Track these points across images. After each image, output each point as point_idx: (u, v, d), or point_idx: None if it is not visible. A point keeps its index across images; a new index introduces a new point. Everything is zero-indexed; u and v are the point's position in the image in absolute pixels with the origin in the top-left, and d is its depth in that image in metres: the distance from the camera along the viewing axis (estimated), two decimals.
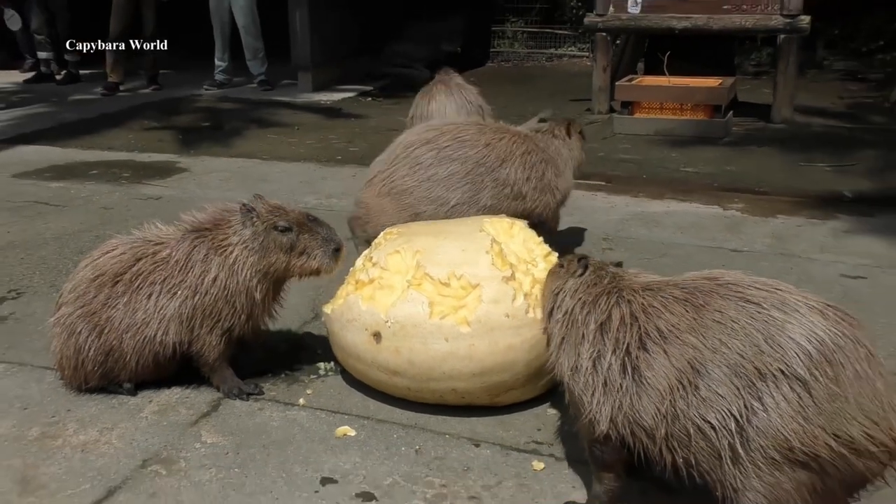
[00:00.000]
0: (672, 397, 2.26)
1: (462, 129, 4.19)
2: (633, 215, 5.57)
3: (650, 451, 2.35)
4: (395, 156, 4.18)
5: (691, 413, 2.24)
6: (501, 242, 3.16)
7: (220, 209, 3.32)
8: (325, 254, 3.22)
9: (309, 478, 2.79)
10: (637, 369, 2.34)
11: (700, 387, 2.23)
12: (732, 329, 2.24)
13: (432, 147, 4.11)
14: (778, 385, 2.15)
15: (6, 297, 4.32)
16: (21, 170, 6.97)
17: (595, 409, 2.40)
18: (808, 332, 2.17)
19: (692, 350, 2.26)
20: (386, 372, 3.10)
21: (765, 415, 2.15)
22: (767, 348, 2.18)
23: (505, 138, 4.20)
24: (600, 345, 2.42)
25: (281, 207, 3.25)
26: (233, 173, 6.81)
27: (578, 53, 13.26)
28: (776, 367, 2.16)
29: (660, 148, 7.52)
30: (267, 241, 3.18)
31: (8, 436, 3.06)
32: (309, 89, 10.74)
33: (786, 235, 5.15)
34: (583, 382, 2.44)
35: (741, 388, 2.19)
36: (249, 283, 3.19)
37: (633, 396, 2.33)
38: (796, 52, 8.40)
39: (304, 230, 3.22)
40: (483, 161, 4.11)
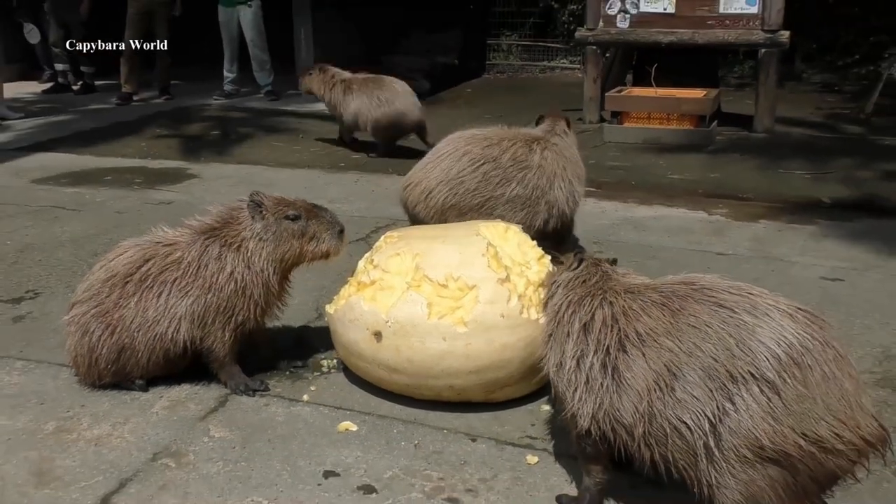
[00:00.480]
0: (649, 398, 2.27)
1: (518, 148, 4.23)
2: (623, 220, 5.55)
3: (630, 447, 2.35)
4: (461, 168, 4.17)
5: (668, 413, 2.25)
6: (497, 246, 3.15)
7: (225, 209, 3.33)
8: (333, 236, 3.27)
9: (312, 471, 2.78)
10: (617, 370, 2.34)
11: (676, 388, 2.24)
12: (706, 333, 2.24)
13: (496, 166, 4.16)
14: (748, 387, 2.15)
15: (24, 296, 4.30)
16: (39, 176, 6.94)
17: (577, 406, 2.41)
18: (778, 335, 2.17)
19: (668, 353, 2.27)
20: (386, 369, 3.08)
21: (736, 416, 2.16)
22: (739, 352, 2.18)
23: (549, 157, 4.27)
24: (583, 344, 2.42)
25: (284, 199, 3.29)
26: (240, 179, 6.79)
27: (570, 66, 13.25)
28: (746, 370, 2.16)
29: (648, 156, 7.51)
30: (279, 230, 3.21)
31: (25, 429, 3.05)
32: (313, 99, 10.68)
33: (767, 239, 5.13)
34: (566, 379, 2.45)
35: (714, 391, 2.19)
36: (265, 273, 3.20)
37: (613, 395, 2.34)
38: (776, 65, 8.40)
39: (311, 216, 3.26)
40: (539, 184, 4.20)
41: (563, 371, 2.47)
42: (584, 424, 2.40)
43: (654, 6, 8.56)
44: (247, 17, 10.40)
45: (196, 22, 11.26)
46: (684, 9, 8.43)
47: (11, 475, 2.76)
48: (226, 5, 10.46)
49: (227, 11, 10.47)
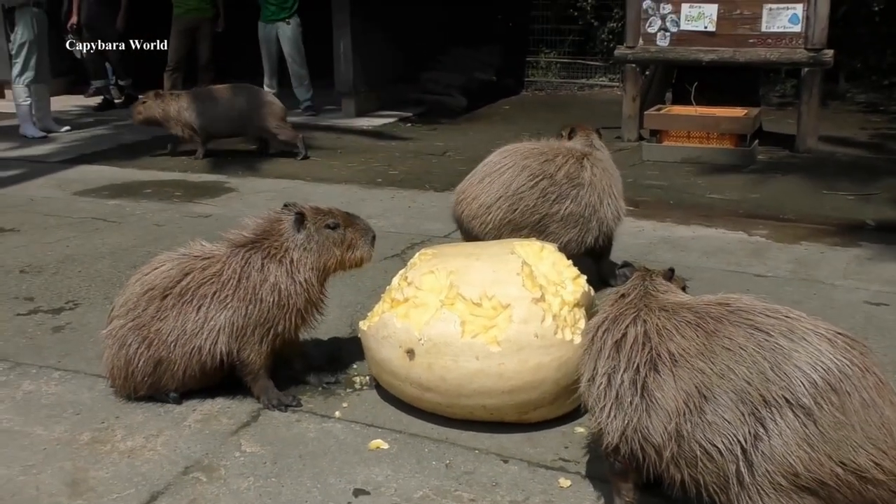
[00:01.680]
0: (679, 419, 2.24)
1: (571, 165, 4.22)
2: (661, 239, 5.49)
3: (659, 467, 2.32)
4: (521, 184, 4.15)
5: (697, 436, 2.21)
6: (532, 265, 3.12)
7: (264, 221, 3.35)
8: (366, 243, 3.36)
9: (342, 488, 2.76)
10: (647, 388, 2.32)
11: (706, 411, 2.21)
12: (740, 356, 2.20)
13: (552, 182, 4.15)
14: (782, 413, 2.11)
15: (64, 307, 4.36)
16: (81, 188, 7.07)
17: (606, 422, 2.40)
18: (815, 360, 2.12)
19: (700, 375, 2.24)
20: (418, 387, 3.07)
21: (770, 441, 2.11)
22: (773, 376, 2.14)
23: (598, 173, 4.26)
24: (615, 361, 2.41)
25: (320, 208, 3.35)
26: (278, 193, 6.83)
27: (609, 83, 13.19)
28: (781, 394, 2.12)
29: (686, 175, 7.43)
30: (321, 239, 3.26)
31: (61, 439, 3.07)
32: (351, 114, 10.80)
33: (809, 261, 5.04)
34: (596, 394, 2.44)
35: (746, 415, 2.15)
36: (308, 283, 3.24)
37: (643, 414, 2.31)
38: (819, 84, 8.29)
39: (348, 224, 3.33)
40: (591, 202, 4.20)
41: (593, 387, 2.46)
42: (613, 441, 2.38)
43: (694, 24, 8.51)
44: (286, 33, 10.54)
45: (238, 37, 11.43)
46: (725, 27, 8.36)
47: (46, 485, 2.78)
48: (265, 21, 10.62)
49: (266, 27, 10.63)
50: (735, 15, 8.31)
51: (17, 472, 2.86)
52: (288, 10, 10.51)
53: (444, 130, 9.99)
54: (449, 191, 6.85)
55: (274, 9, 10.51)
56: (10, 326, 4.10)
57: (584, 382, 2.53)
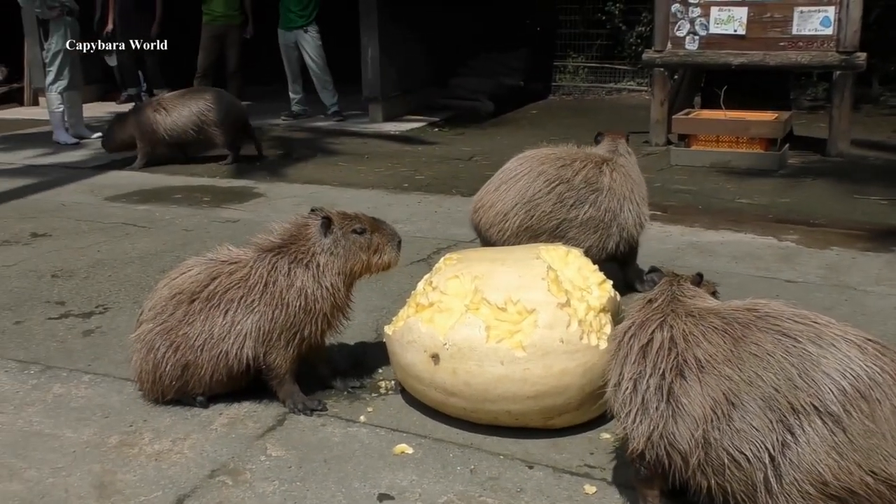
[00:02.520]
0: (706, 425, 2.22)
1: (590, 170, 4.19)
2: (689, 244, 5.44)
3: (685, 474, 2.30)
4: (537, 190, 4.13)
5: (725, 443, 2.20)
6: (557, 269, 3.11)
7: (290, 226, 3.36)
8: (393, 248, 3.36)
9: (367, 493, 2.76)
10: (673, 394, 2.30)
11: (734, 418, 2.19)
12: (768, 362, 2.18)
13: (570, 187, 4.13)
14: (811, 420, 2.08)
15: (94, 311, 4.41)
16: (112, 193, 7.16)
17: (632, 428, 2.38)
18: (844, 367, 2.09)
19: (727, 381, 2.22)
20: (443, 392, 3.06)
21: (798, 449, 2.09)
22: (801, 383, 2.11)
23: (618, 178, 4.23)
24: (641, 366, 2.40)
25: (347, 213, 3.36)
26: (305, 198, 6.88)
27: (637, 87, 13.12)
28: (809, 402, 2.09)
29: (715, 179, 7.37)
30: (348, 244, 3.26)
31: (90, 442, 3.11)
32: (379, 120, 10.84)
33: (840, 267, 4.97)
34: (622, 400, 2.43)
35: (774, 422, 2.13)
36: (334, 287, 3.24)
37: (669, 420, 2.30)
38: (852, 87, 8.17)
39: (374, 229, 3.34)
40: (610, 207, 4.16)
41: (619, 392, 2.45)
42: (639, 447, 2.36)
43: (724, 28, 8.43)
44: (305, 40, 10.63)
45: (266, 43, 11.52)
46: (755, 30, 8.27)
47: (75, 487, 2.81)
48: (284, 28, 10.72)
49: (285, 34, 10.74)
50: (765, 18, 8.22)
51: (47, 474, 2.89)
52: (307, 17, 10.59)
53: (472, 135, 9.99)
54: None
55: (293, 16, 10.59)
56: (42, 330, 4.16)
57: (610, 388, 2.52)
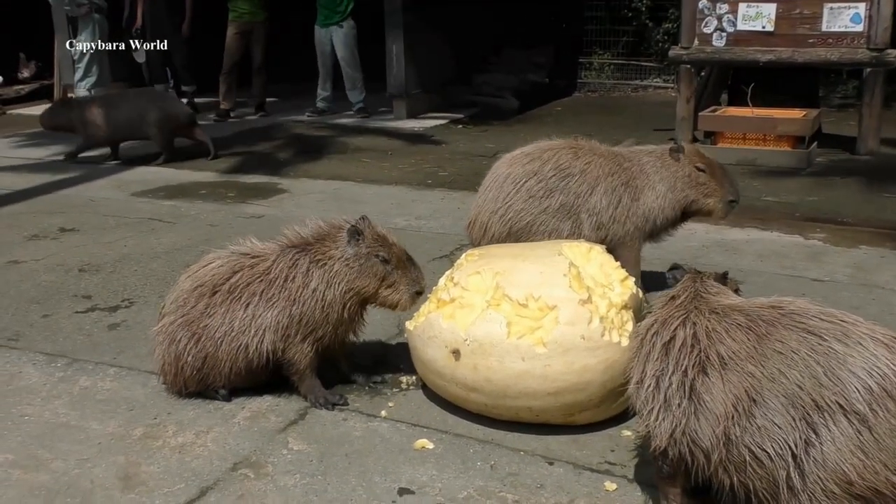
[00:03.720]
0: (727, 422, 2.21)
1: (562, 156, 4.09)
2: (713, 243, 5.41)
3: (707, 471, 2.29)
4: (507, 193, 4.07)
5: (746, 440, 2.19)
6: (579, 266, 3.10)
7: (325, 225, 3.37)
8: (408, 293, 3.26)
9: (387, 487, 2.78)
10: (695, 391, 2.29)
11: (756, 415, 2.18)
12: (792, 360, 2.16)
13: (539, 179, 4.05)
14: (835, 419, 2.06)
15: (119, 305, 4.47)
16: (139, 189, 7.24)
17: (654, 424, 2.38)
18: (871, 365, 2.07)
19: (750, 378, 2.21)
20: (464, 388, 3.07)
21: (822, 447, 2.07)
22: (826, 381, 2.09)
23: (596, 162, 4.10)
24: (663, 363, 2.39)
25: (385, 238, 3.28)
26: (329, 194, 6.92)
27: (663, 84, 13.05)
28: (834, 400, 2.07)
29: (742, 177, 7.26)
30: (366, 265, 3.23)
31: (115, 434, 3.15)
32: (403, 116, 10.86)
33: (868, 266, 4.91)
34: (644, 397, 2.42)
35: (797, 420, 2.11)
36: (343, 298, 3.24)
37: (691, 417, 2.29)
38: (882, 84, 8.07)
39: (399, 266, 3.25)
40: (579, 191, 4.03)
41: (642, 389, 2.44)
42: (661, 444, 2.36)
43: (751, 24, 8.34)
44: (339, 36, 10.66)
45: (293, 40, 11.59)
46: (784, 27, 8.18)
47: (100, 478, 2.85)
48: (321, 25, 10.77)
49: (321, 31, 10.78)
50: (794, 14, 8.13)
51: (73, 465, 2.94)
52: (341, 13, 10.63)
53: (496, 132, 9.98)
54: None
55: (328, 13, 10.65)
56: (69, 324, 4.22)
57: (632, 385, 2.51)
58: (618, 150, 4.28)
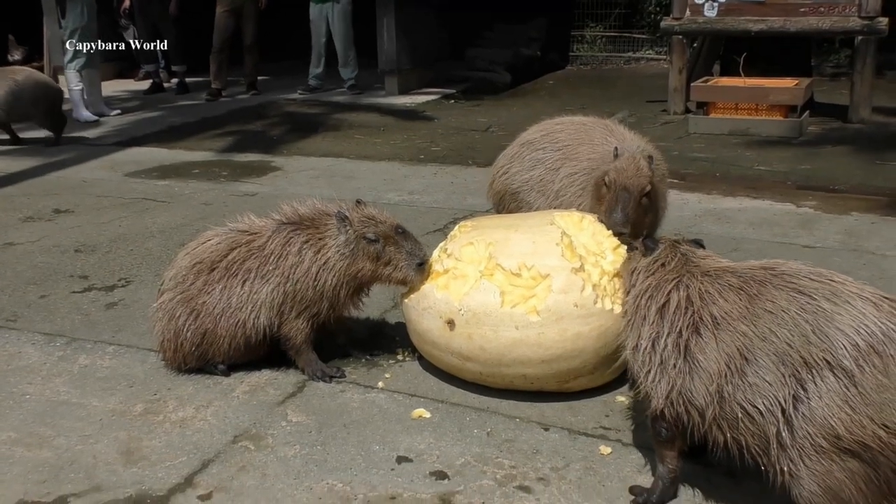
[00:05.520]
0: (720, 381, 2.26)
1: (563, 130, 4.11)
2: (706, 212, 5.44)
3: (702, 429, 2.34)
4: (510, 155, 4.20)
5: (738, 397, 2.23)
6: (571, 235, 3.13)
7: (319, 208, 3.38)
8: (409, 266, 3.22)
9: (386, 456, 2.83)
10: (689, 351, 2.34)
11: (747, 372, 2.23)
12: (782, 319, 2.21)
13: (531, 148, 4.12)
14: (823, 375, 2.11)
15: (116, 284, 4.50)
16: (133, 169, 7.24)
17: (651, 387, 2.42)
18: (858, 323, 2.11)
19: (742, 337, 2.26)
20: (459, 357, 3.11)
21: (810, 403, 2.12)
22: (815, 338, 2.14)
23: (573, 132, 4.09)
24: (659, 326, 2.43)
25: (373, 218, 3.26)
26: (322, 172, 6.93)
27: (655, 56, 13.04)
28: (822, 357, 2.12)
29: (734, 147, 7.33)
30: (357, 248, 3.23)
31: (116, 410, 3.19)
32: (395, 93, 10.85)
33: (859, 232, 4.96)
34: (641, 360, 2.46)
35: (787, 376, 2.16)
36: (337, 283, 3.26)
37: (686, 377, 2.34)
38: (874, 53, 8.09)
39: (389, 242, 3.23)
40: (555, 166, 4.03)
41: (638, 353, 2.48)
42: (659, 406, 2.40)
43: None
44: (336, 12, 10.61)
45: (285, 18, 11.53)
46: None
47: (102, 453, 2.89)
48: (317, 2, 10.70)
49: (317, 8, 10.74)
50: None
51: (75, 441, 2.98)
52: None
53: (488, 106, 9.98)
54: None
55: None
56: (67, 304, 4.25)
57: (629, 351, 2.55)
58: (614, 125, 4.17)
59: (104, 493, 2.67)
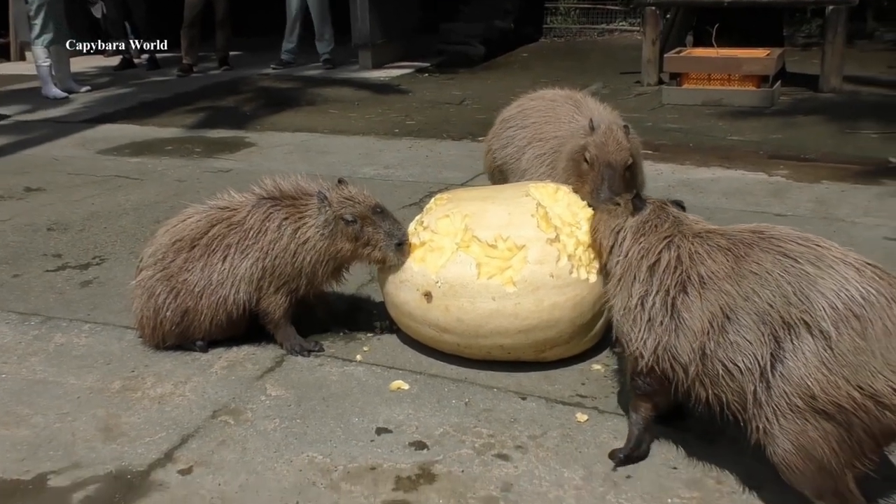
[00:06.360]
0: (704, 338, 2.31)
1: (540, 106, 4.05)
2: (679, 182, 5.48)
3: (685, 385, 2.40)
4: (497, 132, 4.19)
5: (720, 354, 2.28)
6: (546, 206, 3.15)
7: (301, 185, 3.35)
8: (388, 247, 3.19)
9: (365, 428, 2.84)
10: (676, 309, 2.39)
11: (729, 331, 2.27)
12: (766, 280, 2.25)
13: (506, 127, 4.10)
14: (801, 335, 2.15)
15: (91, 262, 4.46)
16: (104, 146, 7.16)
17: (639, 343, 2.47)
18: (839, 286, 2.15)
19: (726, 296, 2.30)
20: (436, 329, 3.13)
21: (787, 363, 2.16)
22: (795, 300, 2.18)
23: (538, 108, 4.05)
24: (648, 285, 2.47)
25: (352, 198, 3.23)
26: (296, 147, 6.89)
27: (629, 28, 13.02)
28: (800, 318, 2.16)
29: (707, 118, 7.37)
30: (336, 229, 3.22)
31: (93, 388, 3.18)
32: (369, 67, 10.77)
33: (830, 200, 5.02)
34: (631, 319, 2.50)
35: (766, 336, 2.21)
36: (316, 261, 3.25)
37: (672, 334, 2.39)
38: (845, 22, 8.14)
39: (367, 223, 3.21)
40: (521, 145, 4.00)
41: (628, 312, 2.52)
42: (647, 362, 2.45)
43: None
44: None
45: None
46: None
47: (81, 431, 2.89)
48: None
49: None
50: None
51: (53, 419, 2.96)
52: None
53: (462, 80, 9.95)
54: (466, 139, 6.90)
55: None
56: (41, 282, 4.21)
57: (619, 310, 2.57)
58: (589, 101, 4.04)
59: (84, 469, 2.67)
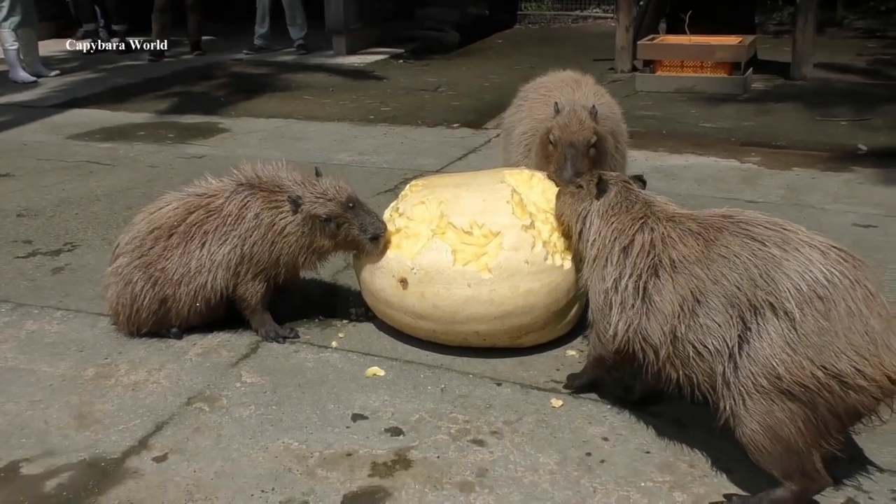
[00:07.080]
0: (675, 321, 2.34)
1: (545, 84, 4.05)
2: (653, 169, 5.51)
3: (657, 366, 2.44)
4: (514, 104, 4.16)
5: (690, 337, 2.32)
6: (521, 193, 3.16)
7: (280, 175, 3.30)
8: (364, 240, 3.18)
9: (341, 414, 2.85)
10: (647, 293, 2.42)
11: (699, 314, 2.31)
12: (734, 263, 2.29)
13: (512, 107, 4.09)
14: (766, 317, 2.19)
15: (62, 249, 4.41)
16: (74, 132, 7.06)
17: (613, 324, 2.50)
18: (804, 269, 2.19)
19: (696, 280, 2.34)
20: (412, 316, 3.13)
21: (754, 344, 2.20)
22: (761, 282, 2.22)
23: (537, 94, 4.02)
24: (622, 267, 2.50)
25: (325, 194, 3.20)
26: (270, 133, 6.84)
27: (603, 15, 13.04)
28: (766, 299, 2.20)
29: (680, 105, 7.41)
30: (313, 227, 3.20)
31: (66, 375, 3.15)
32: (343, 53, 10.70)
33: (800, 187, 5.08)
34: (603, 300, 2.54)
35: (734, 318, 2.25)
36: (293, 253, 3.25)
37: (643, 317, 2.43)
38: (815, 10, 8.21)
39: (342, 221, 3.18)
40: (512, 122, 4.02)
41: (601, 293, 2.56)
42: (618, 343, 2.50)
43: None
44: None
45: None
46: None
47: (54, 419, 2.86)
48: None
49: None
50: None
51: (25, 406, 2.94)
52: None
53: (437, 66, 9.91)
54: (441, 126, 6.89)
55: None
56: (11, 269, 4.16)
57: (593, 291, 2.61)
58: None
59: (57, 457, 2.65)
